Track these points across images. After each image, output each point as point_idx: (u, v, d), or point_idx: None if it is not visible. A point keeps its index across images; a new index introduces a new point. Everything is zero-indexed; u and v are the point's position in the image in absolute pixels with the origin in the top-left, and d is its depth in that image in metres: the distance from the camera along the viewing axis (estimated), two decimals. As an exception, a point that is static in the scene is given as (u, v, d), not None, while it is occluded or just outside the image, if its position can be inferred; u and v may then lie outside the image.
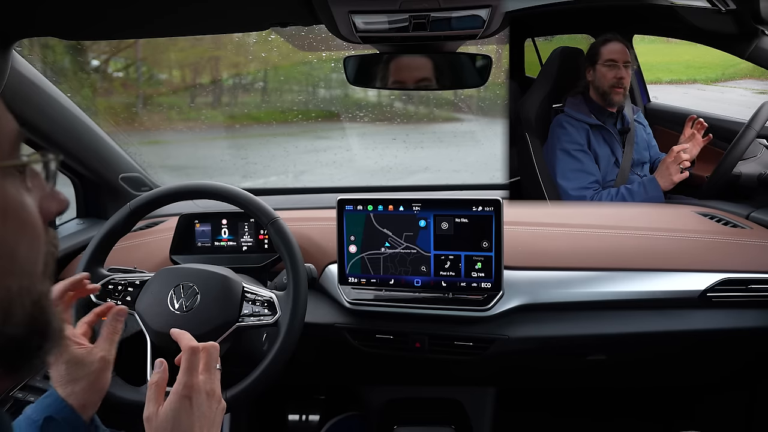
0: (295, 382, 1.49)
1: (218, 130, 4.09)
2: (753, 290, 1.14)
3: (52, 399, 0.69)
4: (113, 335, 0.76)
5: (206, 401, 0.67)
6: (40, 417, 0.66)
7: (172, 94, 4.25)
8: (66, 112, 1.29)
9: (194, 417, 0.64)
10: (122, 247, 1.24)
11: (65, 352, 0.71)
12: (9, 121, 0.40)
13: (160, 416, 0.64)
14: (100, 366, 0.72)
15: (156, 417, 0.65)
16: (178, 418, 0.64)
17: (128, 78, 4.10)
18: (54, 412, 0.67)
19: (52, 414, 0.66)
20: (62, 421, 0.67)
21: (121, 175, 1.54)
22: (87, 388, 0.71)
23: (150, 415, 0.65)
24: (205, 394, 0.67)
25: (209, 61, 4.21)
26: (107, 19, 0.95)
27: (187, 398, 0.65)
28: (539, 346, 1.17)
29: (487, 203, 1.12)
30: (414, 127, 3.61)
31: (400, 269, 1.18)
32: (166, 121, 4.02)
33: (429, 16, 0.88)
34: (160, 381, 0.68)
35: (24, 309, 0.39)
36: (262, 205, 1.09)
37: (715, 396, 1.51)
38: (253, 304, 1.02)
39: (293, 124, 3.45)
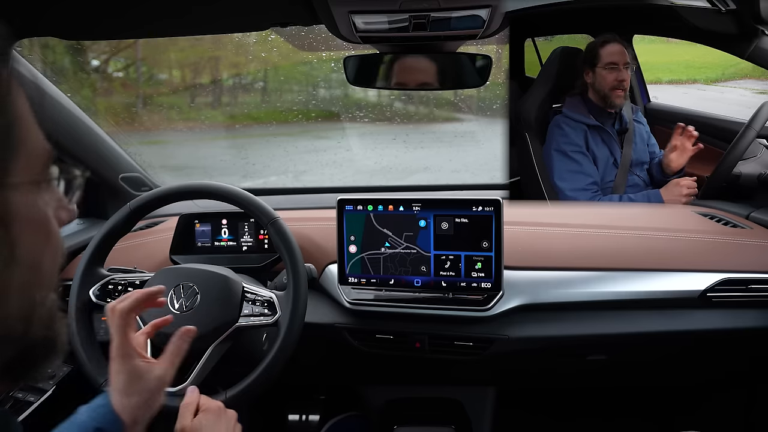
0: (295, 382, 1.49)
1: (218, 130, 4.09)
2: (753, 290, 1.14)
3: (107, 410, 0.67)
4: (176, 357, 0.75)
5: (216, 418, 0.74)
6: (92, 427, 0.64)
7: (172, 94, 4.25)
8: (66, 112, 1.29)
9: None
10: (122, 247, 1.24)
11: (128, 362, 0.70)
12: (42, 141, 0.41)
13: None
14: (158, 385, 0.71)
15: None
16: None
17: (128, 78, 4.10)
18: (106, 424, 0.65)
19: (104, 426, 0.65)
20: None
21: (121, 175, 1.54)
22: (139, 405, 0.69)
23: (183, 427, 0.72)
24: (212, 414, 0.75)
25: (209, 61, 4.21)
26: (108, 19, 0.95)
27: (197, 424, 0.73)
28: (539, 346, 1.17)
29: (487, 203, 1.12)
30: (414, 127, 3.61)
31: (400, 269, 1.18)
32: (166, 121, 4.02)
33: (429, 16, 0.88)
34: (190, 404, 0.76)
35: (41, 320, 0.40)
36: (262, 205, 1.09)
37: (715, 396, 1.51)
38: (253, 304, 1.02)
39: (293, 124, 3.45)
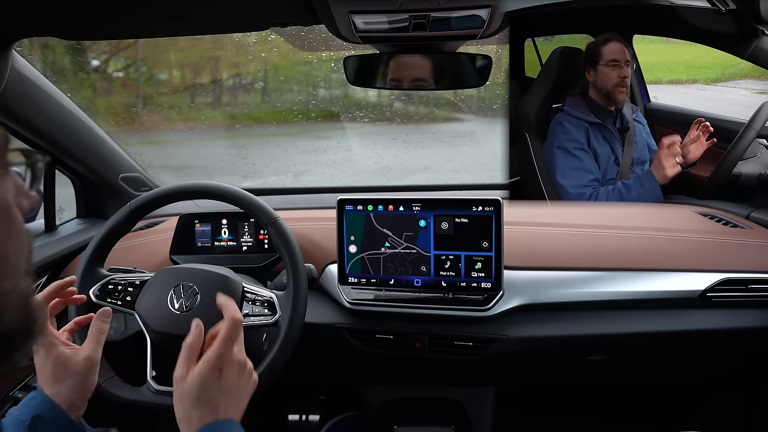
0: (295, 382, 1.49)
1: (218, 130, 4.09)
2: (753, 290, 1.14)
3: (40, 399, 0.69)
4: (99, 335, 0.76)
5: (237, 373, 0.67)
6: (27, 417, 0.66)
7: (172, 94, 4.25)
8: (66, 112, 1.29)
9: (222, 388, 0.65)
10: (122, 247, 1.24)
11: (52, 352, 0.72)
12: None
13: (188, 381, 0.64)
14: (86, 366, 0.73)
15: (184, 381, 0.65)
16: (206, 388, 0.64)
17: (128, 78, 4.10)
18: (42, 411, 0.67)
19: (41, 413, 0.67)
20: (51, 419, 0.67)
21: (121, 175, 1.54)
22: (73, 388, 0.71)
23: (179, 376, 0.66)
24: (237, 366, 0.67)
25: (209, 61, 4.21)
26: (108, 19, 0.95)
27: (218, 369, 0.65)
28: (539, 346, 1.17)
29: (487, 203, 1.12)
30: (414, 127, 3.61)
31: (400, 269, 1.18)
32: (166, 121, 4.02)
33: (429, 16, 0.88)
34: (194, 344, 0.68)
35: (14, 307, 0.41)
36: (262, 205, 1.09)
37: (714, 396, 1.51)
38: (253, 304, 1.02)
39: (293, 124, 3.45)
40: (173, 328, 0.99)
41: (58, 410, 0.68)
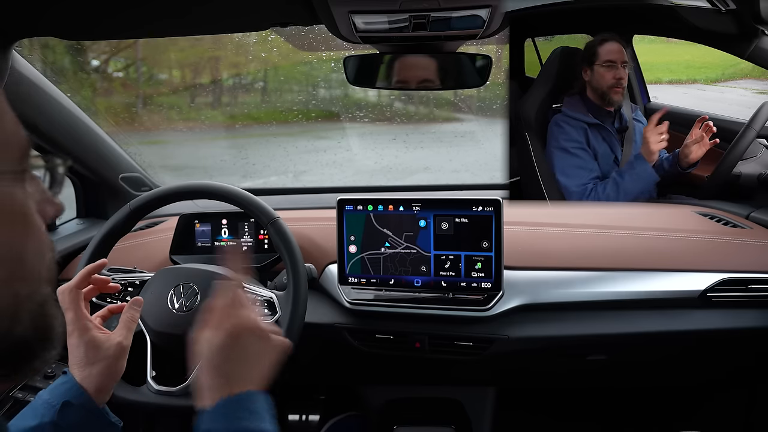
0: (295, 382, 1.48)
1: (218, 130, 4.09)
2: (753, 290, 1.14)
3: (70, 384, 0.70)
4: (131, 323, 0.78)
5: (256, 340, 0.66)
6: (58, 402, 0.67)
7: (172, 94, 4.25)
8: (66, 112, 1.29)
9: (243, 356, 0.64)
10: (122, 247, 1.24)
11: (85, 335, 0.73)
12: (20, 130, 0.42)
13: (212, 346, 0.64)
14: (117, 351, 0.74)
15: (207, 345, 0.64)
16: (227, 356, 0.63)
17: (128, 78, 4.10)
18: (72, 397, 0.68)
19: (70, 399, 0.68)
20: (79, 406, 0.68)
21: (121, 175, 1.54)
22: (102, 372, 0.72)
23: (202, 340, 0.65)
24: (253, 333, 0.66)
25: (209, 61, 4.20)
26: (108, 19, 0.95)
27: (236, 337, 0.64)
28: (539, 346, 1.17)
29: (487, 203, 1.12)
30: (414, 127, 3.61)
31: (400, 269, 1.18)
32: (166, 121, 4.02)
33: (429, 16, 0.88)
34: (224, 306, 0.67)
35: (30, 313, 0.40)
36: (262, 205, 1.09)
37: (715, 396, 1.51)
38: (253, 304, 1.02)
39: (293, 124, 3.45)
40: (173, 328, 0.99)
41: (85, 396, 0.70)
